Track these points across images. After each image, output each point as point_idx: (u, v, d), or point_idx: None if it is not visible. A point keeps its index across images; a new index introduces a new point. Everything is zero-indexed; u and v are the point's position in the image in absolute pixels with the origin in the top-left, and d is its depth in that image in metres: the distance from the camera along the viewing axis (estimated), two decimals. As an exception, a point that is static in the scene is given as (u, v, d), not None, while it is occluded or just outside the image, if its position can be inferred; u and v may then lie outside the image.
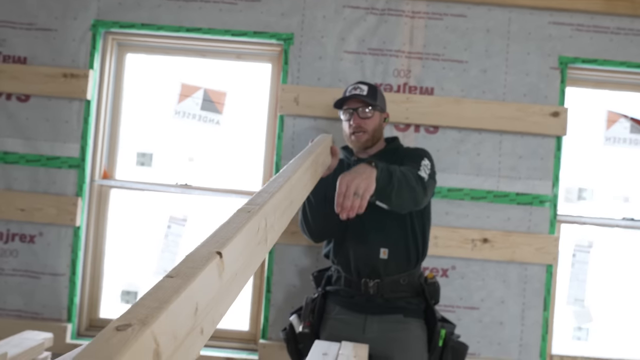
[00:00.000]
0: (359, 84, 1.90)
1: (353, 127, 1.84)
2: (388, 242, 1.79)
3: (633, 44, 2.38)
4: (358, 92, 1.84)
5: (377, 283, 1.76)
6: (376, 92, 1.89)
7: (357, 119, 1.83)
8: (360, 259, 1.80)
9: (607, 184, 2.50)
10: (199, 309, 0.61)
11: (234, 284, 0.74)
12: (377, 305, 1.77)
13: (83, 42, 2.38)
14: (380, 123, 1.90)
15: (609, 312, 2.48)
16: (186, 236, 2.47)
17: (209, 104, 2.51)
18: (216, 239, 0.72)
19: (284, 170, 1.19)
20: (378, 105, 1.86)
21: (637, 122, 2.50)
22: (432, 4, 2.39)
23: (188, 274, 0.60)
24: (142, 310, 0.52)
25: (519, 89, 2.37)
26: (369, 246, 1.79)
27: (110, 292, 2.49)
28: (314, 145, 1.57)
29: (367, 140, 1.86)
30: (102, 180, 2.44)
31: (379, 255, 1.78)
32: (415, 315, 1.78)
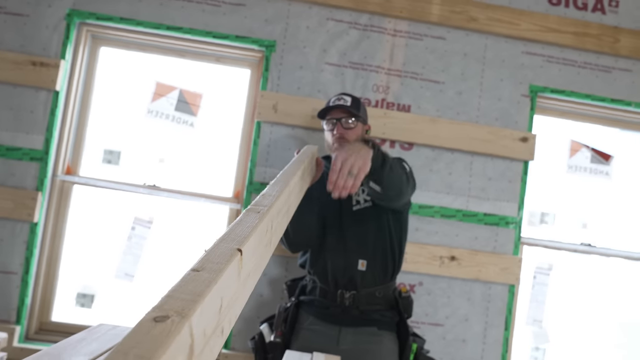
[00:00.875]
0: (343, 95, 1.90)
1: (336, 137, 1.83)
2: (367, 254, 1.79)
3: (598, 78, 2.51)
4: (342, 103, 1.84)
5: (353, 295, 1.75)
6: (359, 103, 1.90)
7: (340, 129, 1.83)
8: (337, 269, 1.79)
9: (567, 209, 2.60)
10: (223, 307, 0.58)
11: (247, 285, 0.72)
12: (352, 317, 1.76)
13: (56, 31, 2.28)
14: (363, 134, 1.90)
15: (565, 334, 2.56)
16: (151, 239, 2.38)
17: (184, 105, 2.46)
18: (233, 237, 0.69)
19: (280, 175, 1.17)
20: (361, 117, 1.87)
21: (598, 153, 2.63)
22: (414, 24, 2.44)
23: (215, 269, 0.57)
24: (177, 303, 0.49)
25: (491, 112, 2.45)
26: (347, 257, 1.79)
27: (64, 295, 2.36)
28: (302, 155, 1.56)
29: None
30: (65, 176, 2.33)
31: (357, 266, 1.77)
32: (389, 328, 1.78)
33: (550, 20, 2.48)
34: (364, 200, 1.84)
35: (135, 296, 2.37)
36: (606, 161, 2.63)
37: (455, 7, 2.44)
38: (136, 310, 2.37)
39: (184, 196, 2.37)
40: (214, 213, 2.42)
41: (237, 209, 2.36)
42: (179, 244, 2.41)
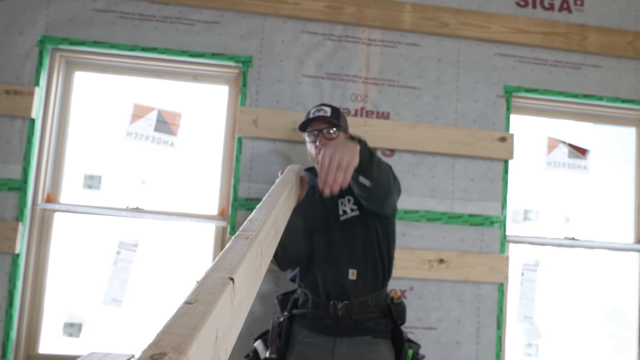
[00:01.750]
0: (322, 106, 1.91)
1: (319, 150, 1.83)
2: (356, 263, 1.78)
3: (569, 75, 2.58)
4: (322, 114, 1.84)
5: (345, 305, 1.75)
6: (339, 113, 1.91)
7: (322, 140, 1.82)
8: (328, 281, 1.79)
9: (549, 205, 2.65)
10: (218, 337, 0.58)
11: (241, 312, 0.72)
12: (346, 327, 1.75)
13: (29, 58, 2.26)
14: None
15: (557, 328, 2.59)
16: (138, 262, 2.35)
17: (163, 125, 2.44)
18: (223, 265, 0.69)
19: (266, 198, 1.17)
20: (342, 126, 1.87)
21: (574, 148, 2.69)
22: (387, 33, 2.48)
23: (209, 300, 0.57)
24: (174, 338, 0.48)
25: (469, 115, 2.49)
26: (337, 267, 1.78)
27: (51, 325, 2.30)
28: (287, 175, 1.56)
29: None
30: (46, 204, 2.29)
31: (347, 276, 1.77)
32: (384, 335, 1.77)
33: (520, 21, 2.54)
34: (351, 209, 1.84)
35: (125, 322, 2.33)
36: (583, 155, 2.69)
37: (427, 14, 2.48)
38: (126, 336, 2.32)
39: (168, 217, 2.34)
40: (200, 232, 2.40)
41: (223, 226, 2.35)
42: (167, 266, 2.38)
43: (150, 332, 1.79)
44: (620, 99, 2.60)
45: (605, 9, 2.64)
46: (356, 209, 1.83)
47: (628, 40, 2.61)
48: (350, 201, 1.84)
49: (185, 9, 2.37)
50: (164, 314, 2.29)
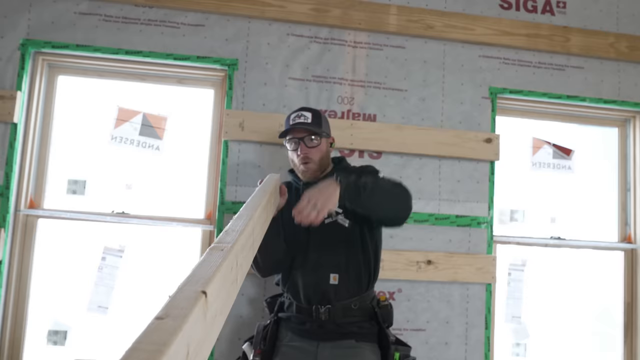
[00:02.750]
0: (302, 111, 1.87)
1: (301, 157, 1.81)
2: (338, 267, 1.76)
3: (553, 77, 2.61)
4: (302, 120, 1.81)
5: (328, 309, 1.73)
6: (320, 117, 1.87)
7: (304, 149, 1.80)
8: (309, 286, 1.77)
9: (535, 205, 2.67)
10: (190, 352, 0.57)
11: (215, 325, 0.71)
12: (328, 331, 1.73)
13: (10, 62, 2.22)
14: (327, 149, 1.89)
15: (544, 327, 2.61)
16: (124, 268, 2.32)
17: (149, 129, 2.42)
18: (196, 279, 0.68)
19: (244, 209, 1.17)
20: (324, 132, 1.85)
21: (559, 148, 2.72)
22: (373, 35, 2.49)
23: (179, 315, 0.56)
24: (142, 355, 0.47)
25: (455, 116, 2.50)
26: (318, 273, 1.76)
27: (35, 333, 2.26)
28: (265, 185, 1.55)
29: (316, 171, 1.84)
30: (29, 210, 2.25)
31: (328, 281, 1.75)
32: (368, 339, 1.75)
33: (504, 24, 2.57)
34: (336, 212, 1.79)
35: (111, 329, 2.30)
36: (567, 156, 2.72)
37: (412, 16, 2.49)
38: (113, 344, 2.29)
39: (154, 221, 2.32)
40: (187, 236, 2.38)
41: (210, 230, 2.33)
42: (154, 271, 2.35)
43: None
44: (603, 100, 2.64)
45: (587, 11, 2.68)
46: (341, 212, 1.79)
47: (610, 42, 2.65)
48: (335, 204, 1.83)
49: (170, 11, 2.35)
50: (150, 320, 2.26)
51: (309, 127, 1.81)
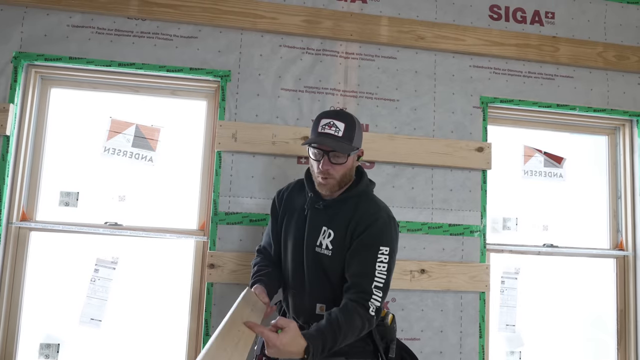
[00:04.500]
0: (335, 119, 1.65)
1: (321, 171, 1.66)
2: (325, 298, 1.70)
3: (543, 86, 2.64)
4: (333, 132, 1.62)
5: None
6: (354, 130, 1.67)
7: (326, 164, 1.64)
8: (298, 309, 1.77)
9: (527, 213, 2.68)
10: None
11: None
12: None
13: (3, 75, 2.23)
14: (352, 166, 1.73)
15: (538, 335, 2.61)
16: (117, 280, 2.31)
17: (141, 141, 2.42)
18: None
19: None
20: (354, 148, 1.67)
21: (550, 157, 2.74)
22: (365, 46, 2.51)
23: None
24: None
25: (446, 126, 2.52)
26: (305, 301, 1.74)
27: (27, 347, 2.24)
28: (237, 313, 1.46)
29: (333, 186, 1.70)
30: (21, 222, 2.24)
31: (315, 310, 1.72)
32: (360, 356, 1.68)
33: (493, 34, 2.60)
34: (326, 246, 1.69)
35: (104, 342, 2.28)
36: (559, 164, 2.74)
37: (403, 27, 2.52)
38: (106, 357, 2.27)
39: (147, 233, 2.32)
40: (180, 247, 2.37)
41: (204, 241, 2.33)
42: (147, 283, 2.34)
43: (131, 352, 1.75)
44: (593, 109, 2.67)
45: (575, 21, 2.72)
46: (331, 248, 1.68)
47: (598, 51, 2.69)
48: (330, 236, 1.70)
49: (163, 24, 2.37)
50: (144, 334, 2.25)
51: (339, 143, 1.62)
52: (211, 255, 2.25)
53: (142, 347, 2.29)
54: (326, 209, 1.73)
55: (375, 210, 1.71)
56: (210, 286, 2.24)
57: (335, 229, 1.70)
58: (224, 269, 2.24)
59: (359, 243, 1.64)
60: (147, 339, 2.31)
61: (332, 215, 1.72)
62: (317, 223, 1.73)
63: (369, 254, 1.61)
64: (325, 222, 1.72)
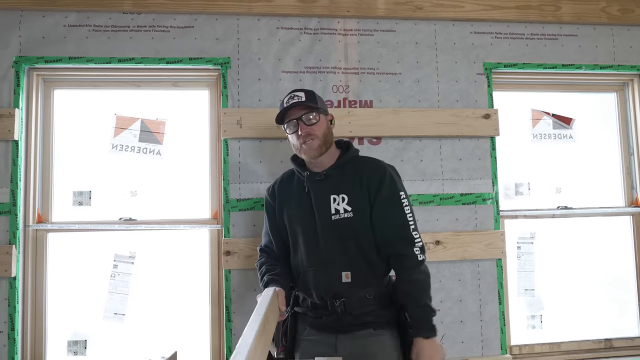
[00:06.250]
0: (295, 92, 1.81)
1: (302, 137, 1.74)
2: (350, 265, 1.71)
3: (546, 47, 2.59)
4: (297, 100, 1.75)
5: (343, 302, 1.70)
6: (314, 95, 1.82)
7: (304, 127, 1.74)
8: (321, 286, 1.73)
9: (539, 177, 2.66)
10: None
11: None
12: (346, 323, 1.70)
13: (5, 80, 2.24)
14: (328, 126, 1.82)
15: (559, 298, 2.61)
16: (136, 274, 2.34)
17: (148, 135, 2.43)
18: None
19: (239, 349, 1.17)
20: (321, 108, 1.79)
21: (559, 118, 2.70)
22: (362, 21, 2.48)
23: None
24: None
25: (451, 95, 2.50)
26: (329, 272, 1.72)
27: (55, 344, 2.29)
28: (261, 305, 1.49)
29: (320, 146, 1.76)
30: (37, 225, 2.28)
31: (341, 280, 1.71)
32: (386, 326, 1.72)
33: (492, -2, 2.55)
34: (344, 210, 1.73)
35: (129, 335, 2.32)
36: (568, 125, 2.71)
37: (400, -1, 2.48)
38: (132, 348, 2.31)
39: (162, 225, 2.34)
40: (195, 236, 2.40)
41: (218, 229, 2.35)
42: (166, 274, 2.37)
43: (155, 342, 1.78)
44: (599, 66, 2.62)
45: (576, -22, 2.65)
46: (350, 210, 1.72)
47: (601, 6, 2.63)
48: (345, 200, 1.73)
49: (158, 16, 2.36)
50: (167, 324, 2.29)
51: (305, 104, 1.75)
52: (226, 243, 2.27)
53: (167, 337, 2.33)
54: (327, 178, 1.78)
55: (377, 164, 1.83)
56: (228, 273, 2.27)
57: (347, 191, 1.75)
58: (239, 255, 2.26)
59: (381, 200, 1.73)
60: (170, 328, 2.35)
61: (337, 182, 1.77)
62: (323, 194, 1.76)
63: (395, 206, 1.73)
64: (332, 191, 1.76)
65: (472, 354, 2.36)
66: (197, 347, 2.34)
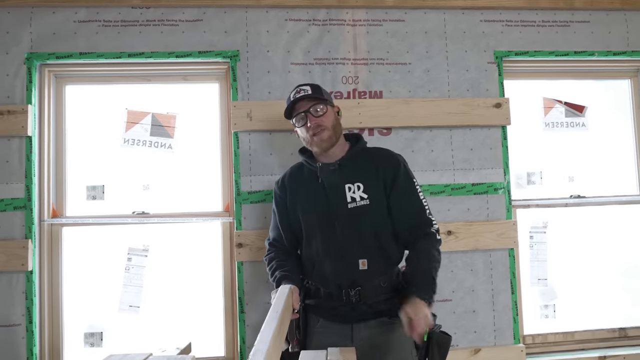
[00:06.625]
0: (301, 86, 1.85)
1: (312, 128, 1.77)
2: (366, 252, 1.74)
3: (558, 34, 2.56)
4: (303, 94, 1.80)
5: (358, 291, 1.72)
6: (320, 88, 1.87)
7: (312, 119, 1.77)
8: (338, 274, 1.75)
9: (552, 166, 2.64)
10: None
11: None
12: (361, 312, 1.73)
13: (18, 77, 2.26)
14: (336, 117, 1.85)
15: (572, 287, 2.60)
16: (150, 267, 2.37)
17: (159, 129, 2.45)
18: None
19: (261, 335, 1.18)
20: (327, 100, 1.84)
21: (571, 106, 2.67)
22: (371, 11, 2.46)
23: None
24: None
25: (461, 84, 2.48)
26: (346, 260, 1.74)
27: (72, 336, 2.33)
28: (277, 304, 1.49)
29: (330, 137, 1.79)
30: (52, 219, 2.31)
31: (358, 267, 1.73)
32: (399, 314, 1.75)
33: (503, -15, 2.52)
34: (360, 197, 1.77)
35: (145, 326, 2.36)
36: (580, 113, 2.68)
37: (409, -12, 2.46)
38: (147, 340, 2.34)
39: (174, 218, 2.36)
40: (207, 229, 2.41)
41: (230, 222, 2.36)
42: (179, 266, 2.40)
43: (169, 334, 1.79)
44: (612, 52, 2.58)
45: (588, -37, 2.61)
46: (367, 197, 1.76)
47: (614, -9, 2.59)
48: (360, 188, 1.77)
49: (167, 10, 2.36)
50: (181, 315, 2.31)
51: (312, 96, 1.79)
52: (238, 235, 2.28)
53: (181, 328, 2.36)
54: (341, 167, 1.82)
55: (389, 154, 1.89)
56: (241, 265, 2.28)
57: (362, 180, 1.79)
58: (251, 247, 2.28)
59: (397, 188, 1.79)
60: (184, 320, 2.37)
61: (351, 172, 1.80)
62: (337, 184, 1.80)
63: (410, 192, 1.80)
64: (346, 180, 1.80)
65: (485, 344, 2.36)
66: (210, 338, 2.36)
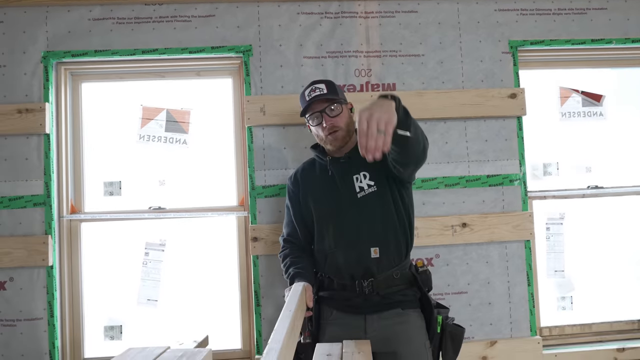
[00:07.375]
0: (315, 84, 1.87)
1: (327, 129, 1.81)
2: (378, 240, 1.76)
3: (575, 22, 2.51)
4: (318, 93, 1.83)
5: (371, 282, 1.74)
6: (334, 86, 1.89)
7: (328, 119, 1.81)
8: (351, 263, 1.77)
9: (569, 157, 2.60)
10: None
11: None
12: (374, 303, 1.75)
13: (35, 76, 2.30)
14: (349, 115, 1.89)
15: (589, 278, 2.57)
16: (167, 261, 2.40)
17: (174, 125, 2.47)
18: None
19: (275, 332, 1.19)
20: (342, 99, 1.87)
21: (588, 95, 2.63)
22: (384, 3, 2.45)
23: None
24: None
25: (475, 75, 2.45)
26: (358, 249, 1.76)
27: (92, 330, 2.38)
28: (290, 302, 1.51)
29: (344, 137, 1.84)
30: (71, 215, 2.35)
31: (370, 255, 1.75)
32: (412, 306, 1.77)
33: (517, -27, 2.48)
34: (368, 185, 1.81)
35: (163, 319, 2.40)
36: (598, 102, 2.64)
37: (421, -22, 2.44)
38: (166, 333, 2.39)
39: (190, 213, 2.39)
40: (222, 223, 2.44)
41: (245, 216, 2.38)
42: (196, 260, 2.43)
43: (187, 327, 1.82)
44: (630, 40, 2.53)
45: (606, -52, 2.55)
46: (373, 184, 1.80)
47: (632, -23, 2.53)
48: (367, 177, 1.82)
49: (180, 6, 2.37)
50: (198, 309, 2.34)
51: (327, 96, 1.82)
52: (253, 229, 2.30)
53: (198, 322, 2.39)
54: (350, 160, 1.85)
55: None
56: (256, 258, 2.30)
57: (368, 169, 1.81)
58: (266, 241, 2.29)
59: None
60: (201, 313, 2.41)
61: (359, 163, 1.80)
62: (347, 175, 1.84)
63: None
64: (354, 171, 1.83)
65: (501, 336, 2.36)
66: (227, 331, 2.39)
